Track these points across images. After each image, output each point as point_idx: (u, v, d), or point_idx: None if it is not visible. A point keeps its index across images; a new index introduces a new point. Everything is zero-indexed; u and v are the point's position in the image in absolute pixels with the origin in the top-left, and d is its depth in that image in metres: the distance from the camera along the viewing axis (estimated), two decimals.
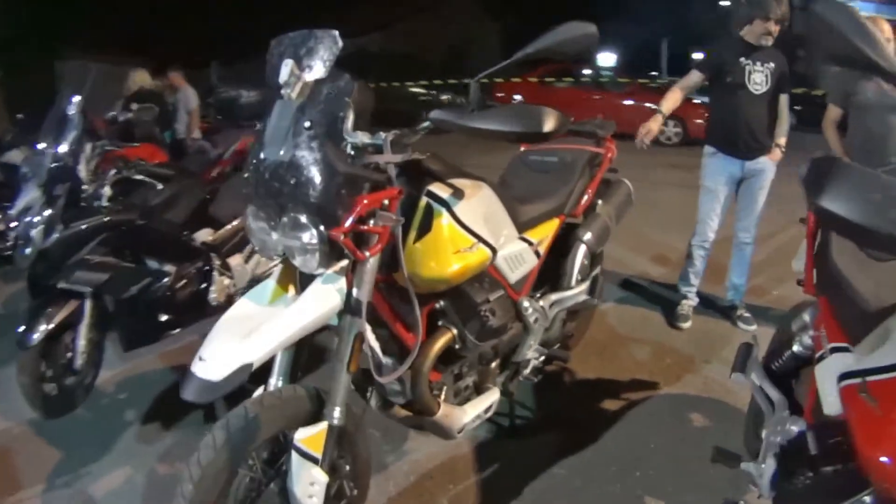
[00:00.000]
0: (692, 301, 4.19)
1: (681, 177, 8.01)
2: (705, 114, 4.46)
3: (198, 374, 1.68)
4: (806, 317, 2.37)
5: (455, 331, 2.30)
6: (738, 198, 4.03)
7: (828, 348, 1.99)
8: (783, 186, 3.97)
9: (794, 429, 2.02)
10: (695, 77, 3.96)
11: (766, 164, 3.88)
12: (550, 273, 2.98)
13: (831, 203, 1.23)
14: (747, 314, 4.13)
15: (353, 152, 1.89)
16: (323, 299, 1.86)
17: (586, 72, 15.89)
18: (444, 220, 2.14)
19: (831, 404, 1.83)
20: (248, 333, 1.74)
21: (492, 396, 2.56)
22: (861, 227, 1.23)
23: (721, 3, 19.83)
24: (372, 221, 1.89)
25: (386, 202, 1.92)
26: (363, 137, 1.90)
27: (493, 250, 2.37)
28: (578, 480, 2.68)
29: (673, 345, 3.85)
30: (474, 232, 2.26)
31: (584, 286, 3.09)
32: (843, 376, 1.54)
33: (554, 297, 2.92)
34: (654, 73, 16.82)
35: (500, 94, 14.84)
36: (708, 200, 4.00)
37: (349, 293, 1.90)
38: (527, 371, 2.86)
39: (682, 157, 9.39)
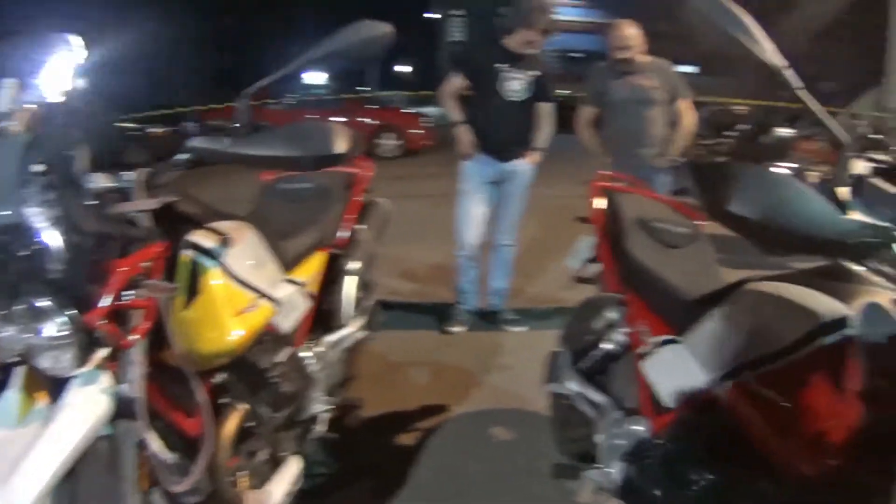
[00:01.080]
0: (469, 307, 4.17)
1: (404, 188, 8.07)
2: (422, 124, 4.48)
3: None
4: (611, 314, 2.35)
5: (246, 407, 1.89)
6: (497, 201, 4.05)
7: (653, 342, 1.97)
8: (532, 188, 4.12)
9: (638, 428, 1.97)
10: (456, 82, 3.93)
11: (523, 167, 3.96)
12: (321, 312, 2.66)
13: (740, 208, 1.20)
14: (513, 316, 4.17)
15: (96, 201, 1.40)
16: (87, 407, 1.35)
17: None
18: (215, 277, 1.72)
19: (671, 396, 1.80)
20: (6, 476, 1.23)
21: (294, 465, 2.18)
22: (768, 227, 1.22)
23: (427, 14, 20.62)
24: (134, 292, 1.42)
25: (148, 264, 1.46)
26: (103, 181, 1.42)
27: (276, 303, 1.99)
28: None
29: (448, 362, 3.74)
30: (252, 285, 1.87)
31: (362, 320, 2.83)
32: (727, 376, 1.47)
33: (331, 338, 2.61)
34: (364, 87, 17.27)
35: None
36: (467, 204, 3.98)
37: (116, 391, 1.40)
38: (319, 427, 2.51)
39: (406, 168, 9.54)
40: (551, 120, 4.03)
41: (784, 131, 6.55)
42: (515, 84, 3.82)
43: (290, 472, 2.13)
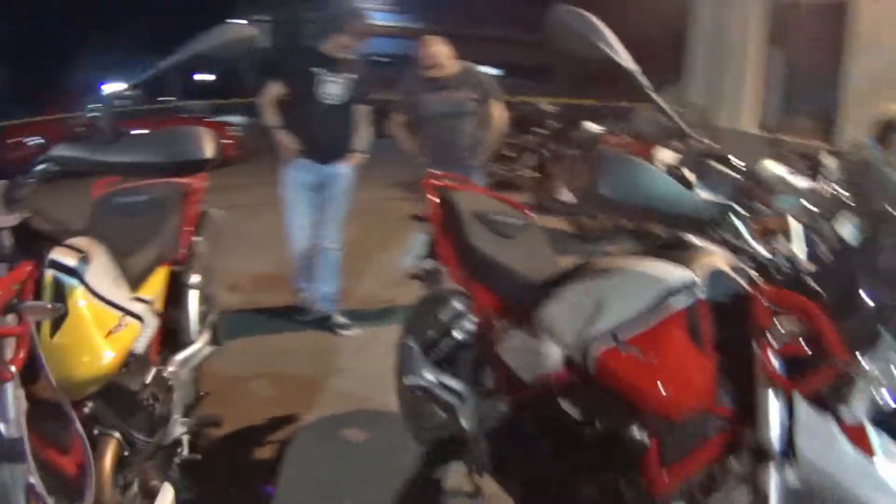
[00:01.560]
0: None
1: (218, 199, 7.64)
2: (229, 133, 4.41)
3: None
4: (458, 305, 2.48)
5: (118, 435, 1.77)
6: (320, 204, 4.04)
7: (504, 326, 2.13)
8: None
9: (502, 406, 2.11)
10: (274, 88, 3.91)
11: (344, 170, 3.98)
12: (167, 330, 2.53)
13: (607, 191, 1.39)
14: (344, 320, 4.19)
15: None
16: None
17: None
18: (80, 298, 1.60)
19: (529, 372, 2.03)
20: None
21: (168, 493, 2.06)
22: (631, 207, 1.44)
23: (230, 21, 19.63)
24: (7, 318, 1.29)
25: (17, 287, 1.33)
26: None
27: (141, 320, 1.89)
28: None
29: (288, 371, 3.68)
30: (116, 303, 1.76)
31: (207, 335, 2.72)
32: (592, 340, 1.65)
33: (180, 357, 2.49)
34: (167, 98, 16.07)
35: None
36: (293, 211, 3.95)
37: None
38: (183, 450, 2.38)
39: (216, 179, 9.00)
40: (369, 123, 4.12)
41: (593, 127, 7.09)
42: (333, 88, 3.86)
43: (166, 501, 2.01)
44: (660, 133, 6.45)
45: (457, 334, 2.47)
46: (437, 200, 2.65)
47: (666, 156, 4.00)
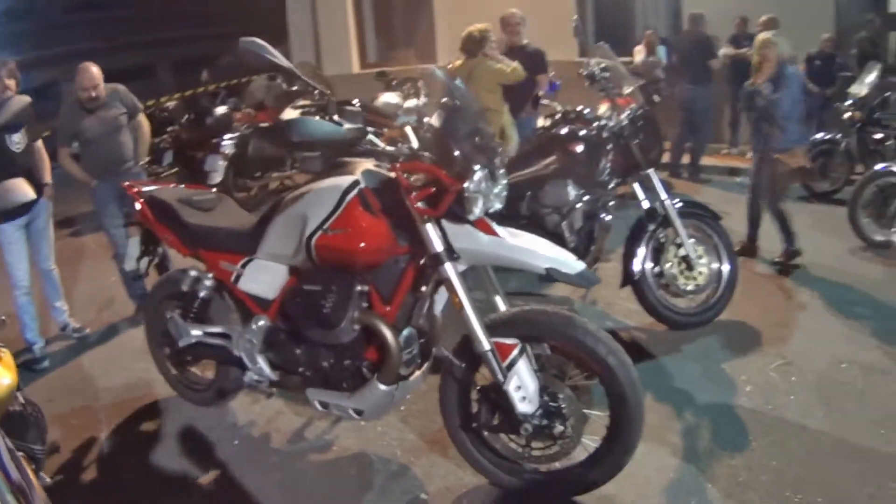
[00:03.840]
0: (41, 344, 4.21)
1: None
2: None
3: None
4: (193, 272, 3.05)
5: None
6: (29, 235, 4.12)
7: (237, 268, 2.84)
8: None
9: (261, 323, 2.76)
10: None
11: (43, 203, 4.12)
12: None
13: (294, 136, 2.26)
14: (79, 325, 4.48)
15: None
16: None
17: None
18: None
19: (270, 289, 2.75)
20: None
21: None
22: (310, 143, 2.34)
23: None
24: None
25: None
26: None
27: None
28: None
29: (62, 398, 3.71)
30: None
31: None
32: (310, 237, 2.44)
33: None
34: None
35: None
36: (11, 248, 4.01)
37: None
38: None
39: None
40: (45, 156, 4.28)
41: (221, 109, 7.68)
42: (16, 137, 3.95)
43: None
44: (276, 98, 7.47)
45: (203, 293, 3.02)
46: (142, 201, 3.15)
47: (292, 114, 4.98)
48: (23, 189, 1.88)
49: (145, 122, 4.74)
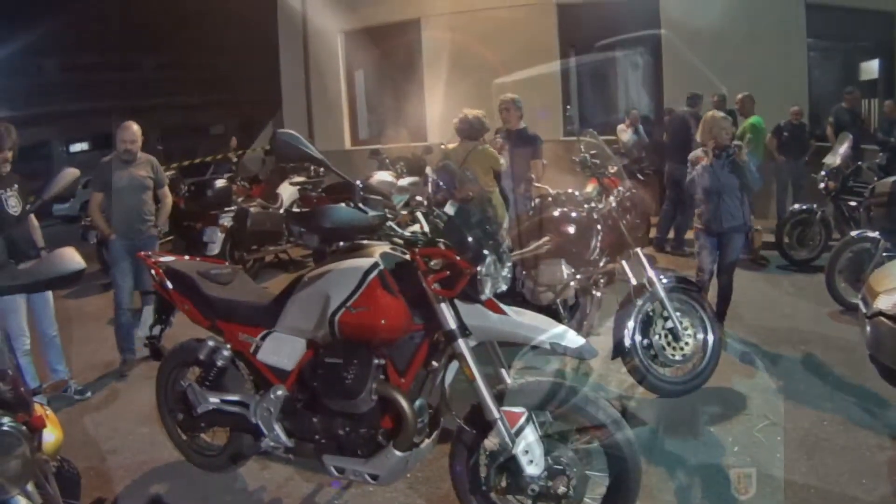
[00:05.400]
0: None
1: None
2: None
3: None
4: (211, 342, 3.21)
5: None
6: (31, 301, 4.30)
7: (256, 340, 3.00)
8: None
9: (278, 393, 2.90)
10: None
11: None
12: None
13: (328, 223, 2.52)
14: (81, 387, 4.64)
15: None
16: None
17: None
18: None
19: (288, 361, 2.90)
20: None
21: None
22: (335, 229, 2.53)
23: None
24: None
25: None
26: None
27: None
28: None
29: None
30: None
31: None
32: (333, 314, 2.64)
33: None
34: None
35: None
36: (9, 316, 4.13)
37: None
38: None
39: None
40: (35, 221, 4.50)
41: (220, 181, 8.04)
42: (12, 201, 4.18)
43: None
44: (266, 169, 7.92)
45: (220, 362, 3.17)
46: (161, 271, 3.34)
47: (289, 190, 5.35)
48: (75, 258, 2.00)
49: (169, 196, 5.27)
